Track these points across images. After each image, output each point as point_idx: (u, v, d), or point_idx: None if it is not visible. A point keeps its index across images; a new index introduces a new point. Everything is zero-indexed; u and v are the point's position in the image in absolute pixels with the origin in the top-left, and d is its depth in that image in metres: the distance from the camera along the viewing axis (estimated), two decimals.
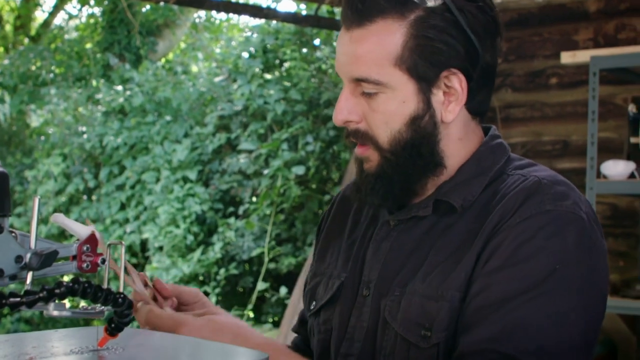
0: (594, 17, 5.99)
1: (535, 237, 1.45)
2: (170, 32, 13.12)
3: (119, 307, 1.17)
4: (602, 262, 1.50)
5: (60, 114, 11.42)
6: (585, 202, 1.52)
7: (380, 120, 1.56)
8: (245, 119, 9.19)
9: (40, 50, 12.70)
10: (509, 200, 1.51)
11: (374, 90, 1.54)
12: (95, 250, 1.23)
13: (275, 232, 8.47)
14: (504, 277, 1.45)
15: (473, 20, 1.53)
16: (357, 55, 1.54)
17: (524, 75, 6.25)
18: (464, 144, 1.61)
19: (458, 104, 1.56)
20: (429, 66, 1.53)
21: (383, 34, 1.52)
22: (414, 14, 1.52)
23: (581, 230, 1.47)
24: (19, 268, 1.13)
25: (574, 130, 5.98)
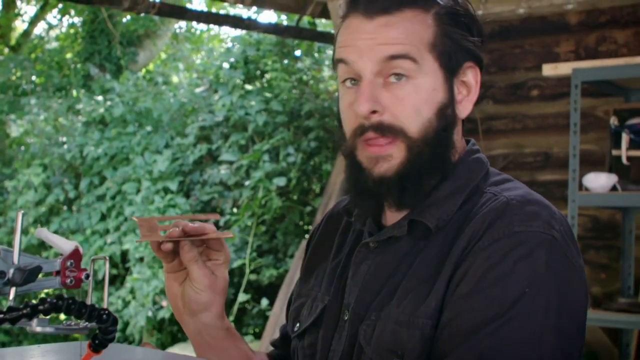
0: (575, 30, 6.02)
1: (504, 261, 1.42)
2: (151, 43, 13.11)
3: (103, 323, 1.15)
4: (577, 281, 1.47)
5: (40, 124, 11.37)
6: (559, 219, 1.49)
7: (411, 109, 1.52)
8: (226, 129, 9.18)
9: (20, 60, 12.66)
10: (477, 222, 1.48)
11: (406, 72, 1.52)
12: (79, 266, 1.22)
13: (256, 244, 8.45)
14: (473, 304, 1.42)
15: (477, 25, 1.58)
16: (391, 36, 1.52)
17: (505, 87, 6.27)
18: (457, 146, 1.61)
19: (470, 101, 1.58)
20: (455, 56, 1.55)
21: (414, 23, 1.53)
22: (436, 9, 1.55)
23: (552, 250, 1.44)
24: (2, 284, 1.12)
25: (556, 142, 6.00)
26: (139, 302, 8.60)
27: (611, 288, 5.69)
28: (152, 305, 8.56)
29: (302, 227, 8.48)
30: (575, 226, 4.59)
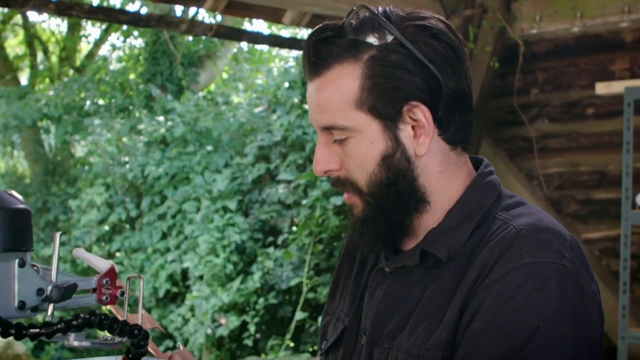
0: (629, 47, 5.99)
1: (516, 296, 1.42)
2: (212, 63, 13.27)
3: (134, 338, 1.21)
4: (592, 309, 1.46)
5: (103, 144, 11.59)
6: (570, 245, 1.48)
7: (355, 164, 1.55)
8: (284, 149, 9.26)
9: (84, 82, 12.90)
10: (486, 253, 1.48)
11: (343, 136, 1.54)
12: (114, 283, 1.28)
13: (313, 262, 8.50)
14: (487, 340, 1.42)
15: (428, 50, 1.51)
16: (320, 104, 1.54)
17: (560, 106, 6.25)
18: (445, 176, 1.58)
19: (428, 136, 1.53)
20: (388, 103, 1.51)
21: (340, 79, 1.52)
22: (367, 54, 1.52)
23: (564, 280, 1.43)
24: (41, 300, 1.18)
25: (611, 160, 5.96)
26: (198, 320, 8.70)
27: None
28: (211, 323, 8.65)
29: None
30: (628, 245, 4.57)
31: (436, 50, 1.52)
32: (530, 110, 6.27)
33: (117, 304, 1.33)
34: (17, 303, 1.15)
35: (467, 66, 1.58)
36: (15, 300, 1.15)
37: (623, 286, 4.58)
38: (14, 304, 1.15)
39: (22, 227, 1.18)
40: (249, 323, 8.51)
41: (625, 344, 4.51)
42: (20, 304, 1.15)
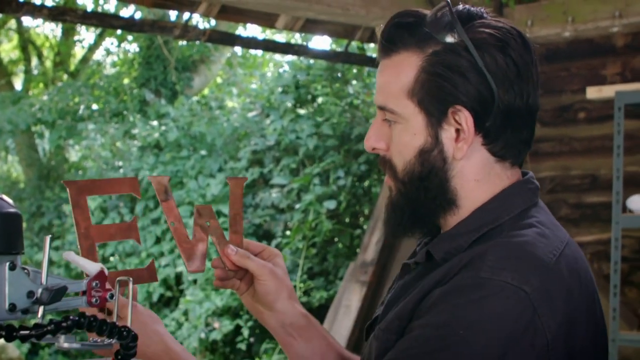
0: (621, 52, 6.02)
1: (453, 299, 1.44)
2: (206, 68, 13.27)
3: (123, 339, 1.23)
4: (535, 341, 1.43)
5: (97, 149, 11.59)
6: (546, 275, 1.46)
7: (397, 150, 1.59)
8: (278, 153, 9.28)
9: (78, 86, 12.89)
10: (456, 260, 1.51)
11: (392, 119, 1.58)
12: (104, 286, 1.29)
13: (307, 266, 8.51)
14: (417, 335, 1.47)
15: (491, 62, 1.51)
16: (380, 84, 1.60)
17: (552, 110, 6.28)
18: (482, 186, 1.58)
19: (466, 143, 1.54)
20: (435, 102, 1.54)
21: (401, 66, 1.57)
22: (432, 49, 1.54)
23: (513, 304, 1.42)
24: (31, 303, 1.20)
25: (603, 164, 5.99)
26: (192, 324, 8.71)
27: None
28: (205, 327, 8.66)
29: (353, 249, 8.52)
30: (619, 248, 4.60)
31: (498, 63, 1.52)
32: None
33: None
34: (8, 305, 1.17)
35: (532, 85, 1.56)
36: (5, 303, 1.16)
37: (614, 289, 4.60)
38: (5, 307, 1.16)
39: (13, 231, 1.19)
40: (243, 327, 8.52)
41: (615, 346, 4.53)
42: (10, 306, 1.17)
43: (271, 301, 1.77)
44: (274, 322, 1.80)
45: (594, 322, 1.55)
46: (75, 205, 1.62)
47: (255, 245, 1.80)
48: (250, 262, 1.74)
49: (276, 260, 1.79)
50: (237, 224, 1.79)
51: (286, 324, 1.79)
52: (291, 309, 1.79)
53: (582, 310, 1.51)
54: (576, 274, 1.52)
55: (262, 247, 1.81)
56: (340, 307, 6.72)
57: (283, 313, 1.78)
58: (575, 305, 1.49)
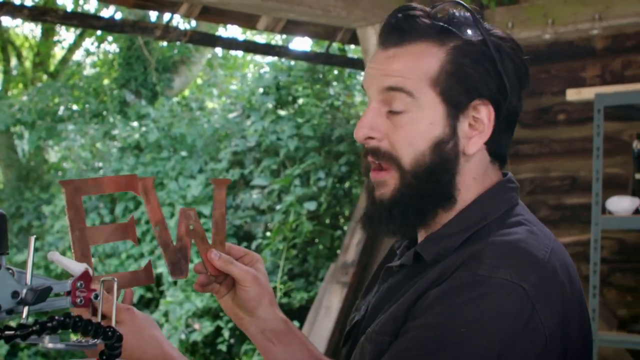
0: (600, 54, 6.06)
1: (453, 298, 1.44)
2: (187, 69, 13.25)
3: (108, 340, 1.23)
4: (535, 337, 1.45)
5: (77, 150, 11.54)
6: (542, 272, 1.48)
7: (405, 140, 1.56)
8: (259, 154, 9.27)
9: (58, 87, 12.83)
10: (451, 259, 1.51)
11: (401, 107, 1.55)
12: (88, 286, 1.30)
13: (287, 267, 8.51)
14: (411, 331, 1.47)
15: (507, 61, 1.56)
16: (395, 68, 1.57)
17: (532, 112, 6.31)
18: (476, 184, 1.60)
19: (482, 137, 1.56)
20: (463, 92, 1.55)
21: (422, 55, 1.56)
22: (453, 43, 1.56)
23: (512, 300, 1.44)
24: (16, 303, 1.20)
25: (582, 166, 6.02)
26: (172, 325, 8.69)
27: (637, 310, 5.69)
28: (185, 328, 8.64)
29: (333, 250, 8.53)
30: (598, 249, 4.63)
31: (514, 65, 1.57)
32: None
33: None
34: None
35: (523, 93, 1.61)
36: None
37: (593, 290, 4.63)
38: None
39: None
40: (223, 328, 8.51)
41: (595, 347, 4.56)
42: None
43: (253, 307, 1.76)
44: (254, 328, 1.79)
45: (583, 319, 1.57)
46: (70, 206, 1.60)
47: (237, 250, 1.80)
48: (233, 268, 1.73)
49: (257, 266, 1.78)
50: (220, 227, 1.79)
51: (266, 330, 1.79)
52: (272, 315, 1.79)
53: (575, 306, 1.53)
54: (567, 271, 1.55)
55: (244, 252, 1.80)
56: (320, 308, 6.72)
57: (264, 319, 1.78)
58: (569, 302, 1.51)
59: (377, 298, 1.65)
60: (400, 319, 1.51)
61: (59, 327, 1.17)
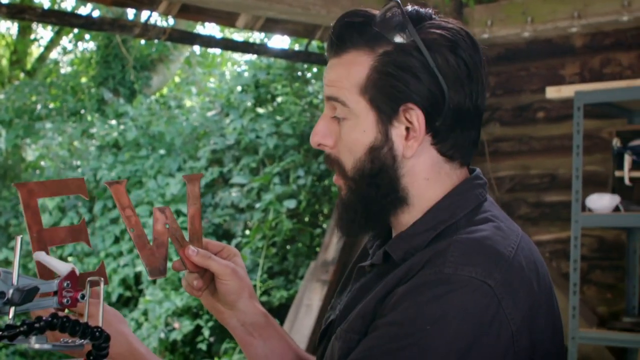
0: (579, 52, 6.08)
1: (418, 296, 1.45)
2: (165, 67, 13.21)
3: (96, 340, 1.22)
4: (501, 333, 1.46)
5: (55, 148, 11.48)
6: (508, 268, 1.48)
7: (346, 147, 1.61)
8: (238, 153, 9.25)
9: (35, 85, 12.77)
10: (417, 257, 1.52)
11: (342, 114, 1.60)
12: (75, 286, 1.29)
13: (267, 265, 8.50)
14: (380, 333, 1.48)
15: (442, 62, 1.54)
16: (331, 78, 1.62)
17: (512, 110, 6.33)
18: (432, 184, 1.60)
19: (417, 141, 1.57)
20: (386, 100, 1.57)
21: (352, 64, 1.59)
22: (383, 49, 1.57)
23: (478, 298, 1.44)
24: (2, 303, 1.19)
25: (562, 163, 6.05)
26: (152, 324, 8.67)
27: (617, 307, 5.72)
28: (165, 327, 8.62)
29: (313, 248, 8.53)
30: (578, 247, 4.65)
31: (450, 64, 1.56)
32: None
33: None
34: None
35: (482, 86, 1.60)
36: None
37: (573, 287, 4.65)
38: None
39: None
40: (203, 327, 8.49)
41: (575, 344, 4.58)
42: None
43: (232, 301, 1.78)
44: (234, 322, 1.81)
45: (552, 315, 1.58)
46: (26, 207, 1.61)
47: (214, 245, 1.81)
48: (212, 263, 1.74)
49: (235, 260, 1.80)
50: (196, 223, 1.79)
51: (246, 323, 1.81)
52: (252, 308, 1.80)
53: (542, 301, 1.54)
54: (534, 266, 1.55)
55: (221, 246, 1.82)
56: (301, 306, 6.72)
57: (244, 312, 1.80)
58: (536, 297, 1.52)
59: (349, 297, 1.67)
60: (369, 316, 1.53)
61: (47, 328, 1.16)
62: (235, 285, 1.76)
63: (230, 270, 1.75)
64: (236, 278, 1.75)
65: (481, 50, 1.62)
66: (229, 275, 1.74)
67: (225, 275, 1.74)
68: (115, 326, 1.66)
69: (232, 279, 1.75)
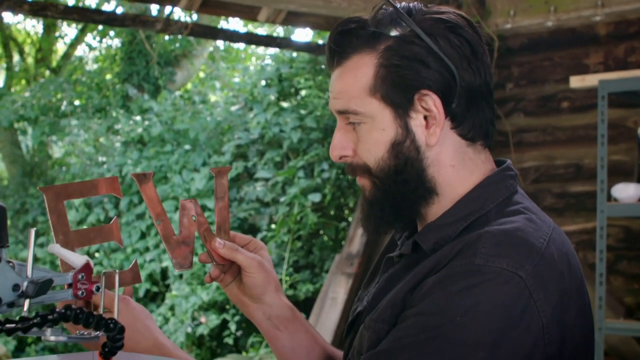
0: (603, 41, 6.03)
1: (449, 286, 1.44)
2: (189, 62, 13.24)
3: (110, 331, 1.22)
4: (532, 324, 1.44)
5: (80, 145, 11.55)
6: (539, 260, 1.47)
7: (366, 149, 1.60)
8: (262, 147, 9.26)
9: (60, 82, 12.84)
10: (447, 249, 1.52)
11: (357, 120, 1.59)
12: (89, 278, 1.29)
13: (292, 259, 8.51)
14: (410, 322, 1.47)
15: (445, 44, 1.55)
16: (337, 90, 1.61)
17: (536, 100, 6.29)
18: (458, 171, 1.60)
19: (438, 126, 1.56)
20: (399, 92, 1.56)
21: (357, 68, 1.58)
22: (384, 45, 1.57)
23: (509, 289, 1.43)
24: (17, 296, 1.19)
25: (586, 153, 6.01)
26: (178, 319, 8.70)
27: None
28: (191, 322, 8.65)
29: (338, 242, 8.52)
30: (604, 237, 4.61)
31: (453, 44, 1.56)
32: (506, 105, 6.31)
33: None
34: None
35: (486, 63, 1.60)
36: None
37: (599, 278, 4.61)
38: None
39: None
40: (230, 321, 8.51)
41: (602, 335, 4.55)
42: None
43: (259, 294, 1.78)
44: (260, 315, 1.81)
45: (583, 308, 1.56)
46: (52, 211, 1.58)
47: (241, 238, 1.81)
48: (239, 255, 1.74)
49: (262, 253, 1.80)
50: (223, 216, 1.79)
51: (272, 317, 1.81)
52: (278, 301, 1.80)
53: (573, 293, 1.53)
54: (565, 258, 1.54)
55: (247, 239, 1.82)
56: (326, 299, 6.72)
57: (270, 306, 1.80)
58: (567, 289, 1.51)
59: (378, 288, 1.66)
60: (398, 306, 1.53)
61: (61, 320, 1.16)
62: (261, 278, 1.76)
63: (256, 263, 1.75)
64: (262, 271, 1.76)
65: (477, 29, 1.62)
66: (255, 268, 1.75)
67: (251, 267, 1.75)
68: (142, 321, 1.67)
69: (259, 272, 1.75)
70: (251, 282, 1.76)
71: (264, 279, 1.76)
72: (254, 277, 1.75)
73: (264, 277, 1.76)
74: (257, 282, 1.76)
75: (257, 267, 1.75)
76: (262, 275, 1.76)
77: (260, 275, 1.76)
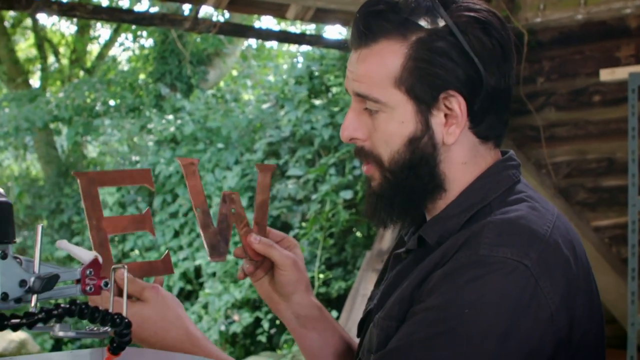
0: (635, 33, 5.97)
1: (455, 280, 1.43)
2: (221, 61, 13.28)
3: (117, 327, 1.22)
4: (540, 313, 1.43)
5: (114, 144, 11.62)
6: (544, 247, 1.46)
7: (382, 140, 1.55)
8: (293, 144, 9.28)
9: (94, 83, 12.94)
10: (452, 241, 1.50)
11: (375, 107, 1.54)
12: (98, 274, 1.29)
13: (325, 257, 8.51)
14: (419, 317, 1.45)
15: (477, 44, 1.51)
16: (360, 73, 1.55)
17: (567, 94, 6.24)
18: (468, 168, 1.58)
19: (459, 127, 1.53)
20: (426, 88, 1.51)
21: (384, 54, 1.53)
22: (416, 36, 1.52)
23: (515, 278, 1.42)
24: (24, 291, 1.19)
25: (619, 147, 5.95)
26: (212, 317, 8.73)
27: None
28: (225, 320, 8.68)
29: (370, 238, 8.51)
30: (636, 231, 4.57)
31: (484, 45, 1.52)
32: (537, 99, 6.27)
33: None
34: (0, 294, 1.16)
35: (512, 66, 1.57)
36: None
37: (632, 272, 4.57)
38: None
39: (3, 220, 1.19)
40: (263, 319, 8.53)
41: (634, 330, 4.50)
42: (3, 295, 1.17)
43: (289, 292, 1.78)
44: (289, 313, 1.81)
45: (590, 292, 1.54)
46: (86, 196, 1.59)
47: (275, 234, 1.80)
48: (274, 252, 1.74)
49: (295, 251, 1.79)
50: (262, 212, 1.79)
51: (301, 316, 1.81)
52: (307, 300, 1.80)
53: (580, 280, 1.51)
54: (570, 245, 1.52)
55: (281, 236, 1.81)
56: (357, 296, 6.71)
57: (299, 305, 1.79)
58: (573, 276, 1.49)
59: (386, 285, 1.65)
60: (406, 302, 1.51)
61: (65, 315, 1.16)
62: (294, 276, 1.76)
63: (291, 262, 1.75)
64: (296, 270, 1.75)
65: (510, 30, 1.58)
66: (289, 266, 1.74)
67: (285, 265, 1.74)
68: (173, 310, 1.64)
69: (292, 270, 1.75)
70: (283, 279, 1.76)
71: (297, 278, 1.76)
72: (286, 275, 1.75)
73: (296, 275, 1.76)
74: (290, 280, 1.76)
75: (291, 265, 1.74)
76: (295, 273, 1.75)
77: (294, 273, 1.75)
